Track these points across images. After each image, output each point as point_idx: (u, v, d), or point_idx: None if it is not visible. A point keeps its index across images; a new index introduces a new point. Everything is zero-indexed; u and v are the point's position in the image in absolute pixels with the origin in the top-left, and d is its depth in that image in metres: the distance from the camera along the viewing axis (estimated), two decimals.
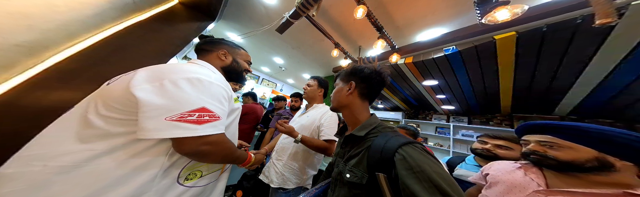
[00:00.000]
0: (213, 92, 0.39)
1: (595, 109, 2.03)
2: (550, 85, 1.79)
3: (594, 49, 1.16)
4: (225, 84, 0.44)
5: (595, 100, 1.84)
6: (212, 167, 0.46)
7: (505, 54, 1.43)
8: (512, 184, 0.46)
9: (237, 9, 1.71)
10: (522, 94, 2.12)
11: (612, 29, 0.97)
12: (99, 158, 0.31)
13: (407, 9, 1.33)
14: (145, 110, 0.32)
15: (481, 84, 2.06)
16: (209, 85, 0.38)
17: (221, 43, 0.56)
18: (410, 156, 0.32)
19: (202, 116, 0.35)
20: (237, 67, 0.57)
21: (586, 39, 1.10)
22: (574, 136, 0.40)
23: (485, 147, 0.77)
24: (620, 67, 1.25)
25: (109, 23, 0.91)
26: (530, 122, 0.48)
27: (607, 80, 1.46)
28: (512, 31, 1.19)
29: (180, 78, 0.36)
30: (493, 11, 0.82)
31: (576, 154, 0.39)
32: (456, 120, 3.26)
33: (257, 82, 3.72)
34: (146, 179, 0.34)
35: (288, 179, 0.76)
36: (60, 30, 0.72)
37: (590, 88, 1.64)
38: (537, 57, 1.38)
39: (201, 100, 0.36)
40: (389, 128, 0.45)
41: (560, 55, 1.30)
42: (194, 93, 0.36)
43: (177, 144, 0.34)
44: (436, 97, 2.80)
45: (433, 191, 0.27)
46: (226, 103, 0.41)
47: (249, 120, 1.64)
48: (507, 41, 1.27)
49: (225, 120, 0.40)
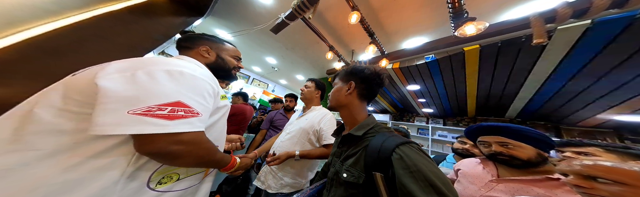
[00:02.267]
0: (196, 86, 0.34)
1: (532, 113, 2.53)
2: (503, 92, 2.16)
3: (532, 63, 1.48)
4: (212, 79, 0.40)
5: (533, 106, 2.29)
6: (192, 169, 0.41)
7: (471, 63, 1.70)
8: (474, 176, 0.56)
9: (229, 6, 1.67)
10: (483, 99, 2.50)
11: (544, 47, 1.27)
12: (42, 160, 0.26)
13: (395, 17, 1.51)
14: (105, 101, 0.27)
15: (453, 89, 2.37)
16: (192, 79, 0.34)
17: (201, 38, 0.51)
18: (407, 156, 0.33)
19: (175, 110, 0.30)
20: (223, 64, 0.52)
21: (527, 54, 1.41)
22: (518, 136, 0.50)
23: (464, 147, 0.89)
24: (550, 78, 1.61)
25: (70, 11, 0.75)
26: (482, 124, 0.57)
27: (541, 90, 1.85)
28: (477, 44, 1.45)
29: (159, 70, 0.31)
30: (464, 25, 1.00)
31: (527, 152, 0.48)
32: (434, 122, 3.61)
33: (247, 81, 3.60)
34: (106, 183, 0.29)
35: (287, 183, 0.74)
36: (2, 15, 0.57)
37: (530, 95, 2.04)
38: (494, 67, 1.69)
39: (178, 93, 0.31)
40: (386, 128, 0.46)
41: (510, 66, 1.62)
42: (171, 85, 0.31)
43: (140, 143, 0.29)
44: (418, 101, 3.10)
45: (429, 190, 0.28)
46: (211, 99, 0.37)
47: (237, 121, 1.55)
48: (473, 53, 1.53)
49: (206, 117, 0.35)
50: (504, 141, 0.51)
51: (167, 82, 0.31)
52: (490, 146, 0.54)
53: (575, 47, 1.19)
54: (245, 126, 1.67)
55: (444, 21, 1.38)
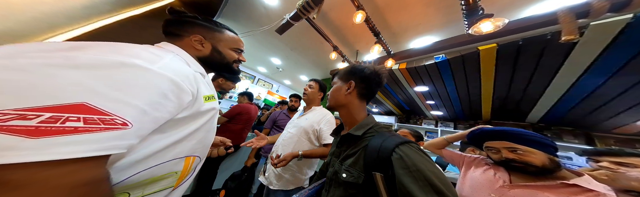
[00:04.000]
0: (143, 83, 0.23)
1: (559, 118, 2.29)
2: (523, 95, 1.98)
3: (559, 62, 1.32)
4: (183, 74, 0.29)
5: (559, 110, 2.07)
6: (153, 185, 0.30)
7: (487, 64, 1.57)
8: (484, 181, 0.55)
9: (237, 8, 1.70)
10: (500, 102, 2.31)
11: (574, 45, 1.12)
12: None
13: (402, 16, 1.43)
14: None
15: (466, 91, 2.21)
16: (139, 73, 0.23)
17: (194, 24, 0.39)
18: (407, 155, 0.33)
19: (62, 119, 0.17)
20: (220, 59, 0.42)
21: (553, 53, 1.26)
22: (522, 140, 0.48)
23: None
24: (581, 79, 1.43)
25: (97, 17, 0.87)
26: (486, 128, 0.54)
27: (569, 92, 1.66)
28: (494, 43, 1.32)
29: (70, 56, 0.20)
30: (479, 23, 0.91)
31: (539, 157, 0.46)
32: (443, 125, 3.43)
33: (252, 82, 3.65)
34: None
35: (288, 180, 0.77)
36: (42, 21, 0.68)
37: (555, 98, 1.84)
38: (513, 68, 1.54)
39: (88, 90, 0.19)
40: (385, 128, 0.45)
41: (532, 67, 1.46)
42: (78, 76, 0.19)
43: None
44: (426, 103, 2.94)
45: (428, 190, 0.28)
46: (176, 100, 0.27)
47: (243, 120, 1.58)
48: (489, 52, 1.41)
49: (147, 127, 0.24)
50: (512, 146, 0.49)
51: (71, 72, 0.19)
52: (499, 152, 0.52)
53: (613, 45, 1.04)
54: (251, 124, 1.68)
55: (454, 19, 1.28)
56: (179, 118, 0.30)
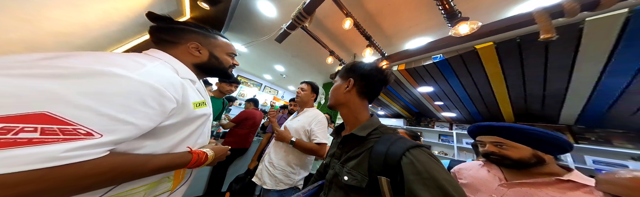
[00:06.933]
0: (119, 89, 0.23)
1: (600, 118, 1.95)
2: (544, 93, 1.77)
3: (570, 58, 1.19)
4: (165, 80, 0.28)
5: (595, 108, 1.78)
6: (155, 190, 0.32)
7: (491, 62, 1.48)
8: (480, 180, 0.55)
9: (241, 21, 1.89)
10: (519, 102, 2.09)
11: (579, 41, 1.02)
12: None
13: (392, 21, 1.46)
14: None
15: (475, 91, 2.07)
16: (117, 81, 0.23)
17: (189, 32, 0.39)
18: (418, 161, 0.30)
19: (16, 130, 0.17)
20: (218, 64, 0.43)
21: (559, 49, 1.15)
22: (518, 136, 0.48)
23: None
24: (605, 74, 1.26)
25: (131, 37, 1.12)
26: (480, 124, 0.55)
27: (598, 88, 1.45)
28: (490, 41, 1.27)
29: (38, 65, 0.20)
30: (457, 25, 0.92)
31: (521, 152, 0.47)
32: (459, 127, 3.17)
33: (259, 89, 3.82)
34: None
35: (280, 180, 0.76)
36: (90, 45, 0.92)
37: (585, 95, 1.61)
38: (521, 65, 1.42)
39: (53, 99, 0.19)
40: (391, 129, 0.42)
41: (542, 63, 1.34)
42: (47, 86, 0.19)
43: None
44: (435, 104, 2.80)
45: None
46: (158, 107, 0.27)
47: (248, 125, 1.71)
48: (488, 50, 1.34)
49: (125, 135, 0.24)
50: (499, 141, 0.50)
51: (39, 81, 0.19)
52: (485, 145, 0.53)
53: (624, 39, 0.92)
54: (256, 129, 1.81)
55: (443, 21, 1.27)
56: (168, 125, 0.30)
